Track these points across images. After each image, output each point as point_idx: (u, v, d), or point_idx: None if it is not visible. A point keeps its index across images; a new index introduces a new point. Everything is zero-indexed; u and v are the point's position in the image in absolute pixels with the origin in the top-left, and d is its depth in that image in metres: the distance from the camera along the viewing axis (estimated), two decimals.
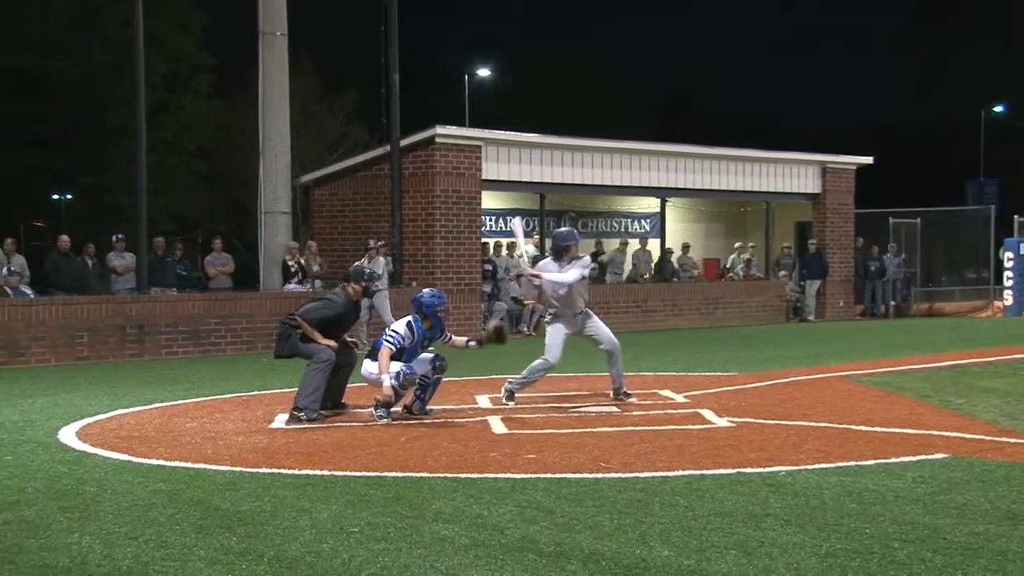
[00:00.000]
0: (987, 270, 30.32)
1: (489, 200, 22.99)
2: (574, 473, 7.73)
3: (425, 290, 10.74)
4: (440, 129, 21.34)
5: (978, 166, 50.60)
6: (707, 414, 10.38)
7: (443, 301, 10.41)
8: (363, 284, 10.78)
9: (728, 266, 27.52)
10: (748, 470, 7.76)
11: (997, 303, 28.40)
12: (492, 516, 6.52)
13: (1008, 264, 27.60)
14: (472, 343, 10.83)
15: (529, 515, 6.53)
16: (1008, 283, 27.64)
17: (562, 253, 11.21)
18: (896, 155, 45.23)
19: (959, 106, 56.04)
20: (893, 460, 8.07)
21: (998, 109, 53.84)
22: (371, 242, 19.65)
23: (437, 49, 60.44)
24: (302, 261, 20.45)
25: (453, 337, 10.74)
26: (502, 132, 22.70)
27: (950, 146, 57.03)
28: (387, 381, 9.94)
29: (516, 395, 11.13)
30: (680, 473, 7.69)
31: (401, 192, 20.91)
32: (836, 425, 9.70)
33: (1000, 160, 51.52)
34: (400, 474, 7.77)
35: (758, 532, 6.11)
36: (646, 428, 9.69)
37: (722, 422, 9.93)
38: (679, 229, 27.52)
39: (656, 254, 26.08)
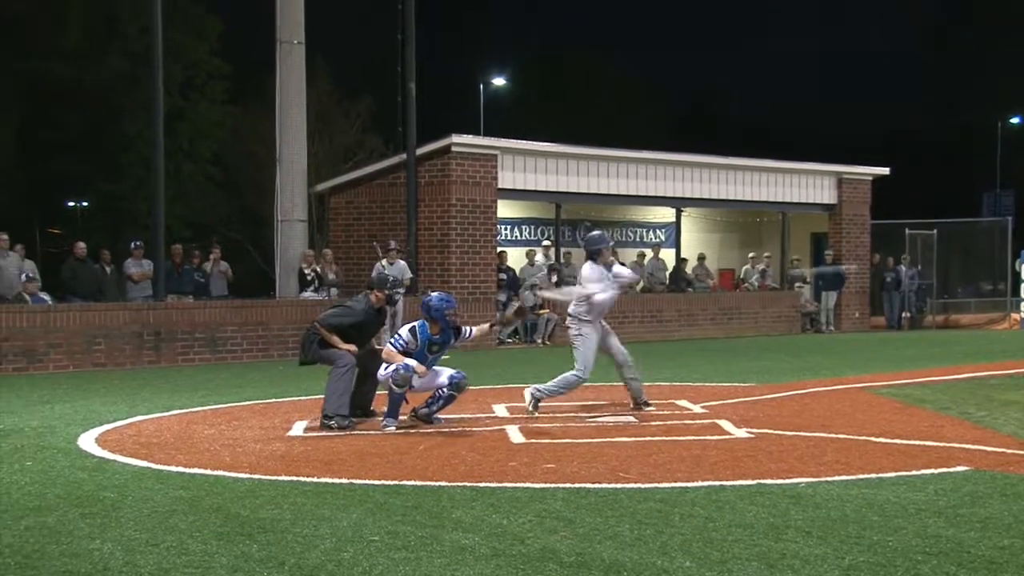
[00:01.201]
0: (1003, 282, 30.20)
1: (505, 209, 23.01)
2: (593, 483, 7.70)
3: (434, 293, 10.74)
4: (456, 138, 21.38)
5: (994, 177, 50.43)
6: (725, 425, 10.35)
7: (452, 304, 10.39)
8: (386, 292, 10.77)
9: (743, 276, 27.48)
10: (768, 481, 7.73)
11: (1014, 315, 28.28)
12: (512, 525, 6.50)
13: None
14: (496, 326, 10.79)
15: (549, 525, 6.51)
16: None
17: (595, 257, 11.21)
18: (912, 166, 45.11)
19: (975, 117, 55.89)
20: (914, 472, 8.03)
21: (1015, 120, 53.69)
22: (392, 243, 19.69)
23: (453, 57, 60.48)
24: (318, 269, 20.49)
25: (474, 330, 10.74)
26: (518, 141, 22.72)
27: (966, 157, 56.86)
28: (400, 360, 10.09)
29: (540, 404, 11.10)
30: (700, 484, 7.65)
31: (417, 201, 20.94)
32: (855, 437, 9.65)
33: (1017, 171, 51.36)
34: (419, 483, 7.76)
35: (779, 544, 6.08)
36: (664, 438, 9.66)
37: (740, 433, 9.90)
38: (694, 239, 27.50)
39: (671, 264, 26.05)
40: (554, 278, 22.55)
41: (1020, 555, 5.88)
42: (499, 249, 22.35)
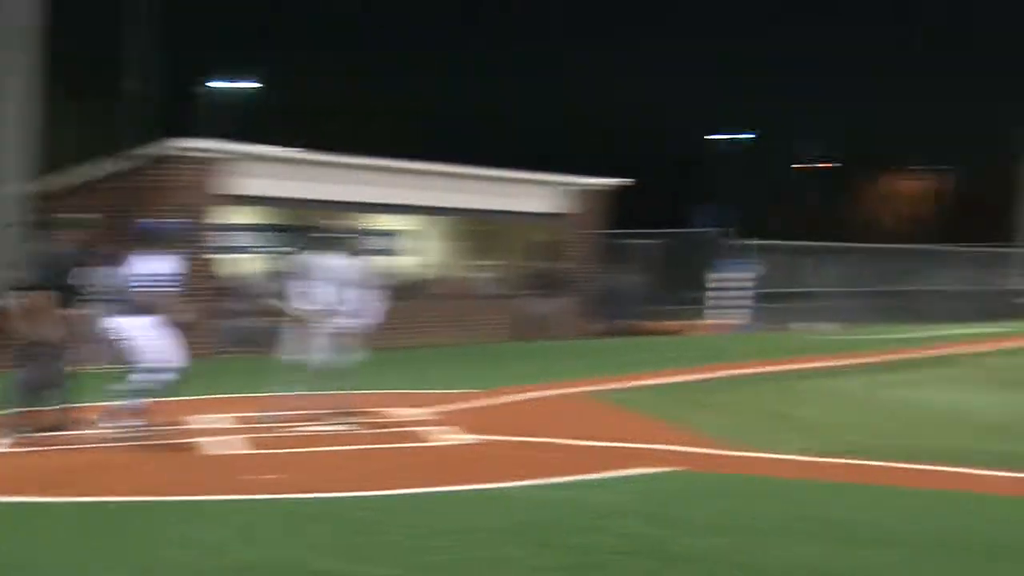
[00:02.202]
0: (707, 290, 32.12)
1: (235, 215, 22.41)
2: (304, 493, 7.59)
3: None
4: (177, 142, 20.68)
5: (704, 192, 53.52)
6: (444, 431, 10.41)
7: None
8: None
9: (472, 284, 27.77)
10: (480, 486, 7.81)
11: (718, 320, 30.13)
12: (211, 539, 6.30)
13: (716, 285, 29.60)
14: None
15: (254, 536, 6.35)
16: (724, 302, 29.67)
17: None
18: (644, 179, 46.76)
19: (695, 136, 58.92)
20: (621, 473, 8.31)
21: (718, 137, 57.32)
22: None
23: (182, 59, 58.48)
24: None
25: None
26: (245, 146, 22.15)
27: (684, 174, 59.76)
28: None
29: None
30: (412, 491, 7.66)
31: (139, 206, 20.12)
32: (573, 441, 9.90)
33: (728, 187, 54.58)
34: (124, 499, 7.42)
35: (485, 551, 6.14)
36: (381, 446, 9.62)
37: (460, 438, 9.98)
38: (427, 247, 27.60)
39: (401, 272, 26.05)
40: (275, 286, 22.11)
41: (722, 553, 6.15)
42: (216, 256, 21.67)
